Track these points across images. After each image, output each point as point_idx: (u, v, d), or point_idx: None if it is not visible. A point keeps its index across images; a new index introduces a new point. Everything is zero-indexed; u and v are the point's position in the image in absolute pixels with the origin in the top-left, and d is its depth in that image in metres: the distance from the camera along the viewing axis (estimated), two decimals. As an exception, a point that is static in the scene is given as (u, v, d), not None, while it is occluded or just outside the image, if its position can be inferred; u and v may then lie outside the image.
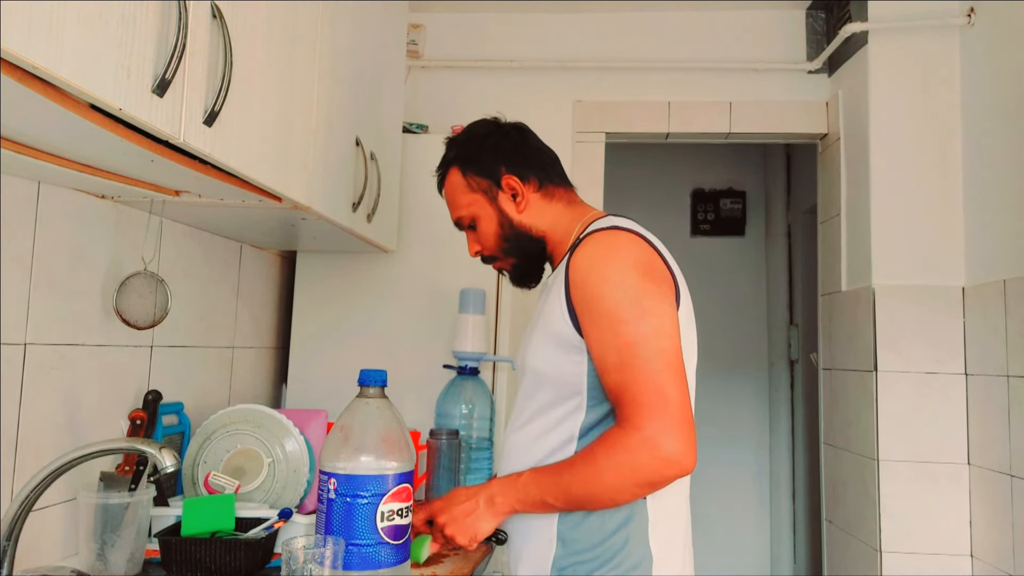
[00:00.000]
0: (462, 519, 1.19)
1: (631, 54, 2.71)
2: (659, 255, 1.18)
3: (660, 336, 1.09)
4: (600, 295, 1.12)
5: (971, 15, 2.20)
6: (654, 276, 1.14)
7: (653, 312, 1.11)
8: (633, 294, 1.11)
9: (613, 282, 1.12)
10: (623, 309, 1.10)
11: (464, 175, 1.32)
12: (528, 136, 1.36)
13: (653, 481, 1.08)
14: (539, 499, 1.13)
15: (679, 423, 1.05)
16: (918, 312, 2.21)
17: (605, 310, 1.11)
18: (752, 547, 3.81)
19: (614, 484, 1.08)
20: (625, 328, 1.09)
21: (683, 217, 4.04)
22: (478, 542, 1.19)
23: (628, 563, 1.12)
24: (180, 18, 0.93)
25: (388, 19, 1.99)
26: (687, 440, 1.05)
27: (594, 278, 1.13)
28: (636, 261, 1.14)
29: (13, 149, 1.03)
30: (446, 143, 1.37)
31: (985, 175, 2.12)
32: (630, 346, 1.08)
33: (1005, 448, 1.97)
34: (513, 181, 1.29)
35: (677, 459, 1.05)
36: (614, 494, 1.10)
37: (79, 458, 1.04)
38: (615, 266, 1.13)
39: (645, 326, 1.09)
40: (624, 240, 1.17)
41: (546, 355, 1.20)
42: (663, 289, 1.14)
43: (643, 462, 1.06)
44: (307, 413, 1.56)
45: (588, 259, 1.15)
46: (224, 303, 1.91)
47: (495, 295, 2.08)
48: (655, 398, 1.06)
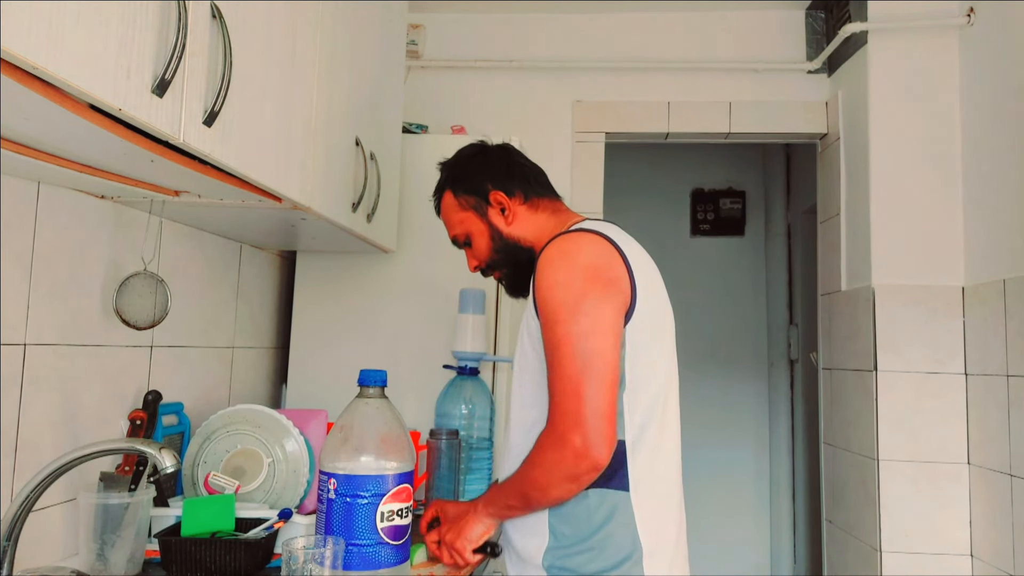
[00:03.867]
0: (457, 522, 1.27)
1: (631, 54, 2.71)
2: (622, 258, 1.20)
3: (590, 336, 1.13)
4: (546, 297, 1.17)
5: (971, 15, 2.20)
6: (600, 278, 1.17)
7: (588, 314, 1.14)
8: (573, 296, 1.15)
9: (558, 282, 1.17)
10: (561, 310, 1.15)
11: (456, 195, 1.40)
12: (512, 154, 1.44)
13: (571, 474, 1.12)
14: (505, 503, 1.21)
15: (588, 418, 1.10)
16: (918, 312, 2.21)
17: (546, 311, 1.17)
18: (752, 547, 3.81)
19: (544, 481, 1.14)
20: (558, 328, 1.14)
21: (683, 217, 4.05)
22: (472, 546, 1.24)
23: (618, 556, 1.15)
24: (180, 18, 0.93)
25: (388, 19, 1.99)
26: (596, 434, 1.10)
27: (544, 280, 1.18)
28: (586, 264, 1.18)
29: (13, 149, 1.03)
30: (439, 168, 1.46)
31: (985, 175, 2.12)
32: (559, 346, 1.14)
33: (1005, 448, 1.97)
34: (500, 196, 1.36)
35: (585, 452, 1.09)
36: (548, 491, 1.15)
37: (79, 458, 1.04)
38: (563, 269, 1.18)
39: (576, 327, 1.13)
40: (581, 242, 1.21)
41: (525, 353, 1.25)
42: (608, 292, 1.17)
43: (558, 458, 1.11)
44: (307, 413, 1.56)
45: (545, 260, 1.20)
46: (224, 303, 1.91)
47: (495, 295, 2.08)
48: (569, 396, 1.11)
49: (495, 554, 1.26)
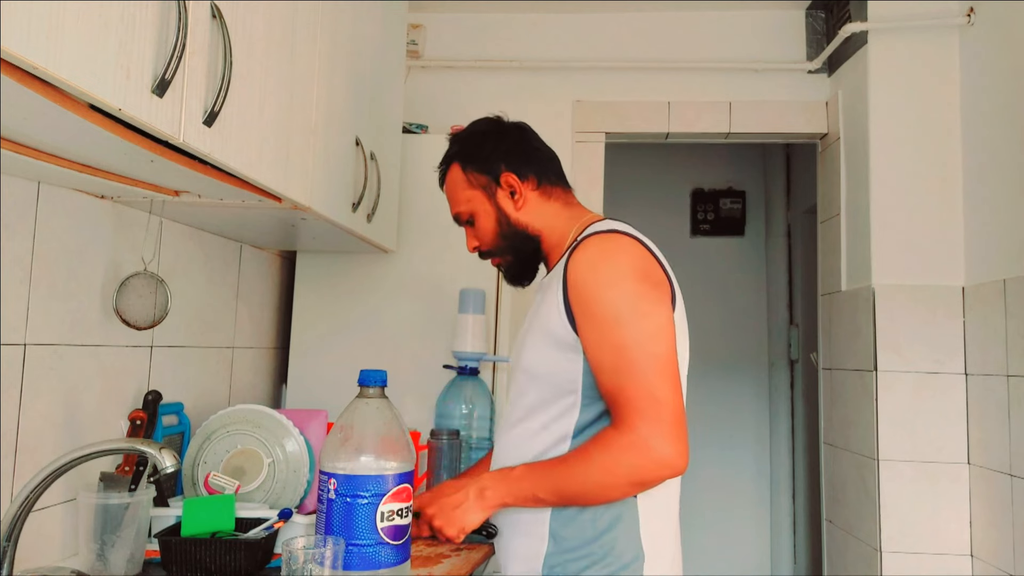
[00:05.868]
0: (451, 511, 1.20)
1: (631, 54, 2.71)
2: (656, 259, 1.20)
3: (655, 339, 1.11)
4: (598, 297, 1.13)
5: (971, 15, 2.20)
6: (651, 279, 1.16)
7: (649, 315, 1.12)
8: (630, 297, 1.13)
9: (611, 284, 1.13)
10: (620, 312, 1.12)
11: (464, 171, 1.33)
12: (528, 135, 1.38)
13: (645, 481, 1.11)
14: (531, 494, 1.15)
15: (671, 425, 1.08)
16: (918, 312, 2.21)
17: (602, 312, 1.13)
18: (752, 547, 3.81)
19: (606, 482, 1.11)
20: (621, 331, 1.11)
21: (683, 217, 4.04)
22: (466, 534, 1.19)
23: (620, 561, 1.13)
24: (180, 18, 0.93)
25: (388, 19, 1.99)
26: (679, 442, 1.08)
27: (592, 280, 1.14)
28: (634, 264, 1.16)
29: (13, 149, 1.03)
30: (449, 139, 1.39)
31: (985, 175, 2.12)
32: (625, 348, 1.10)
33: (1005, 448, 1.97)
34: (512, 179, 1.30)
35: (669, 461, 1.08)
36: (606, 492, 1.12)
37: (79, 458, 1.04)
38: (613, 269, 1.15)
39: (640, 329, 1.11)
40: (623, 243, 1.18)
41: (541, 354, 1.21)
42: (660, 293, 1.16)
43: (636, 463, 1.09)
44: (307, 413, 1.56)
45: (587, 261, 1.16)
46: (224, 303, 1.91)
47: (495, 295, 2.08)
48: (648, 401, 1.08)
49: (491, 536, 1.22)
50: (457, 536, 1.19)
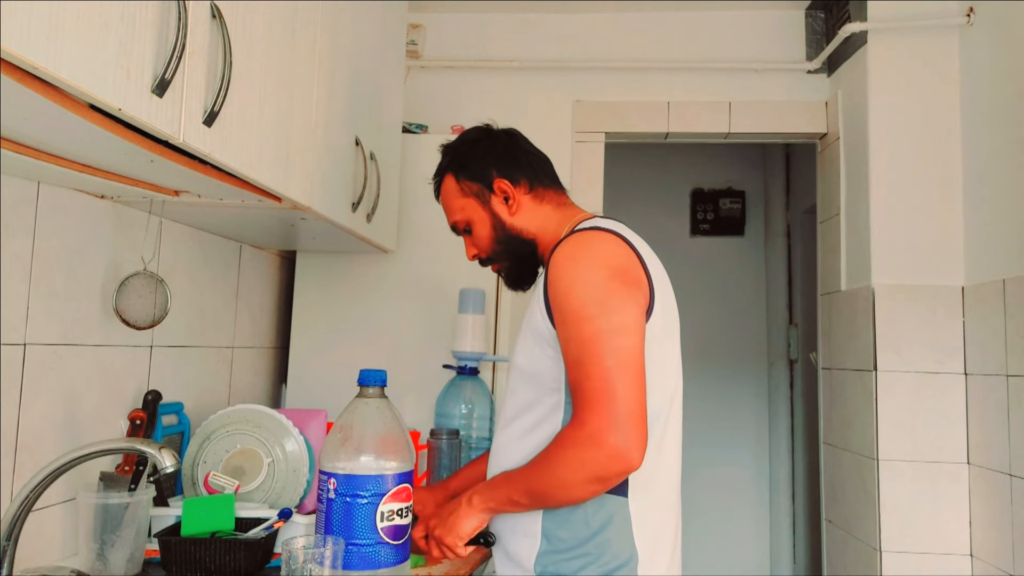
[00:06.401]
0: (447, 518, 1.22)
1: (631, 54, 2.71)
2: (637, 258, 1.19)
3: (618, 334, 1.11)
4: (568, 292, 1.14)
5: (971, 15, 2.20)
6: (624, 277, 1.16)
7: (616, 311, 1.12)
8: (599, 293, 1.13)
9: (581, 280, 1.14)
10: (587, 307, 1.12)
11: (457, 180, 1.35)
12: (518, 140, 1.39)
13: (601, 476, 1.09)
14: (507, 497, 1.17)
15: (626, 418, 1.06)
16: (918, 312, 2.21)
17: (571, 307, 1.13)
18: (752, 547, 3.81)
19: (567, 479, 1.10)
20: (585, 325, 1.11)
21: (683, 217, 4.04)
22: (463, 541, 1.21)
23: (614, 562, 1.13)
24: (179, 18, 0.93)
25: (388, 19, 1.99)
26: (634, 436, 1.06)
27: (565, 275, 1.15)
28: (608, 262, 1.16)
29: (13, 149, 1.03)
30: (441, 150, 1.41)
31: (985, 175, 2.12)
32: (587, 343, 1.10)
33: (1005, 448, 1.97)
34: (504, 184, 1.32)
35: (621, 454, 1.06)
36: (568, 489, 1.11)
37: (79, 458, 1.04)
38: (585, 264, 1.16)
39: (605, 324, 1.11)
40: (600, 240, 1.19)
41: (529, 352, 1.22)
42: (632, 291, 1.16)
43: (589, 457, 1.08)
44: (307, 413, 1.56)
45: (563, 257, 1.17)
46: (224, 303, 1.91)
47: (495, 295, 2.08)
48: (602, 394, 1.07)
49: (489, 544, 1.23)
50: (454, 543, 1.21)
